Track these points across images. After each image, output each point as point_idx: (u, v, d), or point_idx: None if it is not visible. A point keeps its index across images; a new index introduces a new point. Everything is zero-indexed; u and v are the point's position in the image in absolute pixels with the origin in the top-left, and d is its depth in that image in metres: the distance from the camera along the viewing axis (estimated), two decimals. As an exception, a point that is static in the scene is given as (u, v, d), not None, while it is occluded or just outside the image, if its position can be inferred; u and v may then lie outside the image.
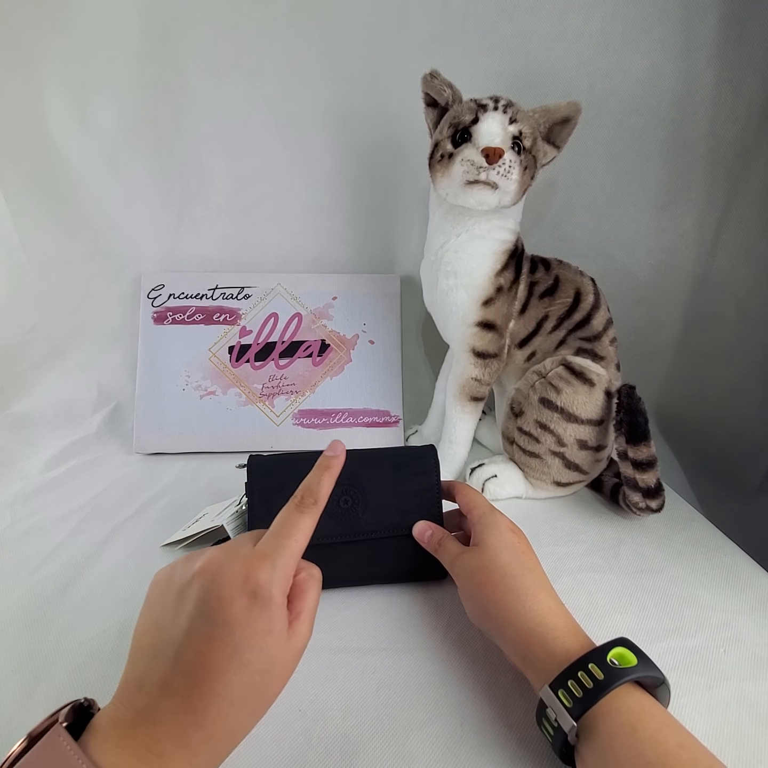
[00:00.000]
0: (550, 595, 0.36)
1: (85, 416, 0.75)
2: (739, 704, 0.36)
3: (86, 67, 0.64)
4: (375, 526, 0.43)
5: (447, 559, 0.40)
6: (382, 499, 0.43)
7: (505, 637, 0.35)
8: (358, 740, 0.33)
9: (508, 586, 0.35)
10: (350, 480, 0.42)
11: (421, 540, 0.43)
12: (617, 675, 0.28)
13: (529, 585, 0.35)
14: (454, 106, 0.52)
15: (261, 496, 0.43)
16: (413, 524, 0.43)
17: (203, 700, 0.26)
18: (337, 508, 0.42)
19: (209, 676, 0.26)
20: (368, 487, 0.43)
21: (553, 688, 0.29)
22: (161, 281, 0.73)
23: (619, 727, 0.27)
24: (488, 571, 0.36)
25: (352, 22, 0.64)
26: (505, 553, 0.37)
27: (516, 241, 0.58)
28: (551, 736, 0.30)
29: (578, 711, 0.28)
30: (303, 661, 0.30)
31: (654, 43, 0.62)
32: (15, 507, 0.58)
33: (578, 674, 0.29)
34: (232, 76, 0.66)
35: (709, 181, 0.67)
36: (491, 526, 0.39)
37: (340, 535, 0.42)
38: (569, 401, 0.55)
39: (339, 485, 0.39)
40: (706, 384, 0.74)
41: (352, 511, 0.43)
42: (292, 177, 0.72)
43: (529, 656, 0.33)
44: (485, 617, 0.37)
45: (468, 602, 0.38)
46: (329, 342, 0.74)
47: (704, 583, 0.47)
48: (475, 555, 0.38)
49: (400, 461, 0.46)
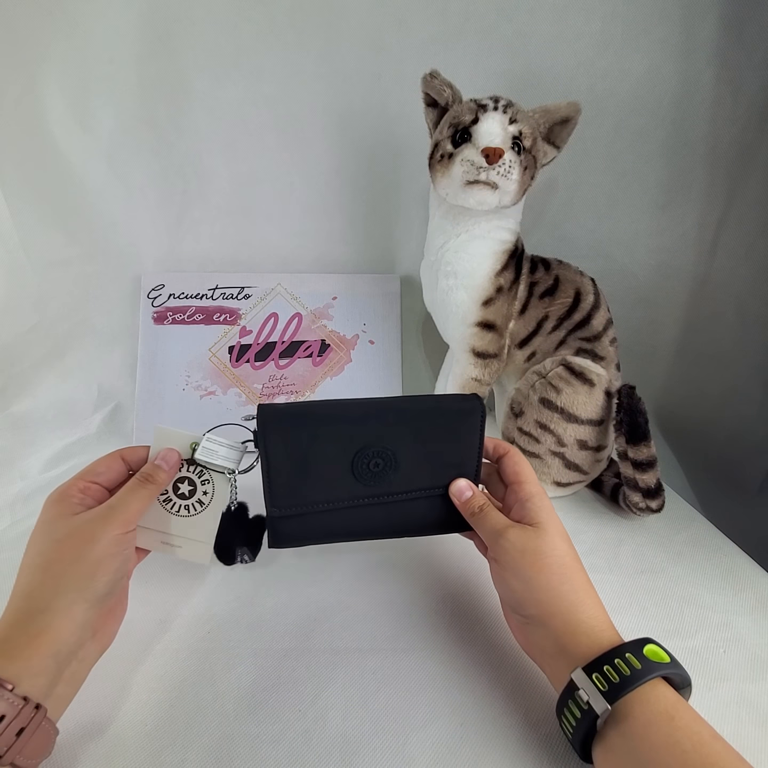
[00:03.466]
0: (593, 588, 0.35)
1: (85, 416, 0.75)
2: (739, 705, 0.36)
3: (86, 67, 0.64)
4: (407, 487, 0.40)
5: (489, 529, 0.38)
6: (417, 460, 0.40)
7: (550, 625, 0.33)
8: (358, 740, 0.33)
9: (565, 576, 0.34)
10: (382, 442, 0.39)
11: (458, 499, 0.40)
12: (654, 667, 0.29)
13: (584, 578, 0.35)
14: (454, 106, 0.52)
15: (279, 458, 0.38)
16: (447, 483, 0.41)
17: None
18: (366, 471, 0.39)
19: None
20: (402, 448, 0.39)
21: (587, 671, 0.30)
22: (161, 281, 0.73)
23: (657, 714, 0.28)
24: (546, 557, 0.35)
25: (352, 22, 0.64)
26: (563, 542, 0.36)
27: (516, 241, 0.58)
28: (576, 720, 0.30)
29: (613, 695, 0.28)
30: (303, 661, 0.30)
31: (654, 43, 0.62)
32: (15, 507, 0.58)
33: (615, 661, 0.29)
34: (232, 76, 0.66)
35: (709, 181, 0.67)
36: (547, 509, 0.37)
37: (369, 497, 0.40)
38: (569, 401, 0.55)
39: (370, 447, 0.38)
40: (707, 384, 0.74)
41: (383, 474, 0.39)
42: (292, 177, 0.72)
43: (571, 645, 0.32)
44: (531, 602, 0.34)
45: (513, 581, 0.35)
46: (329, 342, 0.74)
47: (704, 583, 0.47)
48: (530, 535, 0.36)
49: (440, 418, 0.40)
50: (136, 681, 0.37)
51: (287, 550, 0.47)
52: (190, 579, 0.46)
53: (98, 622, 0.34)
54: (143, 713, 0.35)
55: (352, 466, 0.39)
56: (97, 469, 0.37)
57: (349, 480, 0.39)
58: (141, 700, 0.36)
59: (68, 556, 0.33)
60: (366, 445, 0.39)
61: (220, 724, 0.34)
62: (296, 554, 0.49)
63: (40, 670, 0.30)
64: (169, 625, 0.42)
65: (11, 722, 0.27)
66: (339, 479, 0.39)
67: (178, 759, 0.32)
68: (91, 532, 0.34)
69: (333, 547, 0.45)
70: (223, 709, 0.35)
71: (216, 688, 0.37)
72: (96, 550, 0.33)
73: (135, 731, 0.34)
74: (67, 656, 0.31)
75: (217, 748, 0.33)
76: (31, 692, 0.29)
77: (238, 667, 0.38)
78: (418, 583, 0.46)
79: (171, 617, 0.43)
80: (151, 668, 0.38)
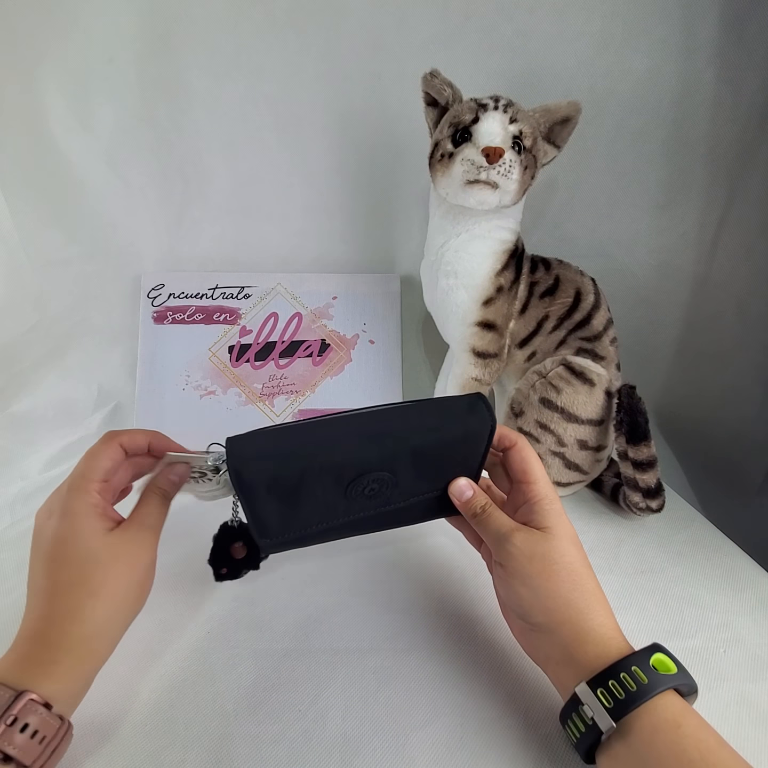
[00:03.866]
0: (603, 594, 0.34)
1: (85, 416, 0.75)
2: (739, 705, 0.36)
3: (86, 67, 0.64)
4: (404, 498, 0.38)
5: (493, 532, 0.36)
6: (415, 476, 0.37)
7: (558, 633, 0.32)
8: (358, 740, 0.33)
9: (575, 583, 0.33)
10: (381, 468, 0.35)
11: (459, 499, 0.38)
12: (661, 680, 0.28)
13: (593, 583, 0.34)
14: (454, 105, 0.52)
15: (262, 500, 0.34)
16: (446, 485, 0.39)
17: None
18: (361, 495, 0.36)
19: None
20: (401, 470, 0.36)
21: (591, 686, 0.29)
22: (161, 281, 0.73)
23: (664, 722, 0.27)
24: (555, 564, 0.33)
25: (352, 22, 0.64)
26: (573, 547, 0.34)
27: (516, 241, 0.58)
28: (580, 733, 0.29)
29: (619, 713, 0.28)
30: (303, 661, 0.30)
31: (654, 43, 0.62)
32: (15, 507, 0.58)
33: (621, 675, 0.28)
34: (232, 76, 0.66)
35: (709, 181, 0.67)
36: (557, 512, 0.35)
37: (365, 510, 0.38)
38: (569, 401, 0.54)
39: (367, 476, 0.35)
40: (707, 384, 0.74)
41: (380, 494, 0.37)
42: (292, 177, 0.72)
43: (579, 655, 0.31)
44: (539, 610, 0.33)
45: (521, 589, 0.34)
46: (329, 342, 0.74)
47: (704, 583, 0.47)
48: (538, 540, 0.34)
49: (444, 445, 0.37)
50: (137, 681, 0.37)
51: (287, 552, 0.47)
52: (190, 579, 0.46)
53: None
54: (143, 713, 0.35)
55: (346, 492, 0.36)
56: (104, 465, 0.35)
57: (344, 503, 0.36)
58: (141, 700, 0.36)
59: (119, 582, 0.32)
60: (361, 473, 0.35)
61: (220, 724, 0.34)
62: (296, 555, 0.49)
63: (78, 691, 0.31)
64: (170, 625, 0.42)
65: (50, 742, 0.28)
66: (332, 503, 0.36)
67: (178, 759, 0.32)
68: (137, 555, 0.34)
69: (333, 548, 0.45)
70: (223, 709, 0.35)
71: (216, 688, 0.37)
72: (142, 574, 0.34)
73: (135, 731, 0.34)
74: (97, 672, 0.32)
75: (217, 748, 0.33)
76: (66, 711, 0.30)
77: (238, 667, 0.38)
78: (418, 583, 0.46)
79: (171, 617, 0.42)
80: (151, 668, 0.38)
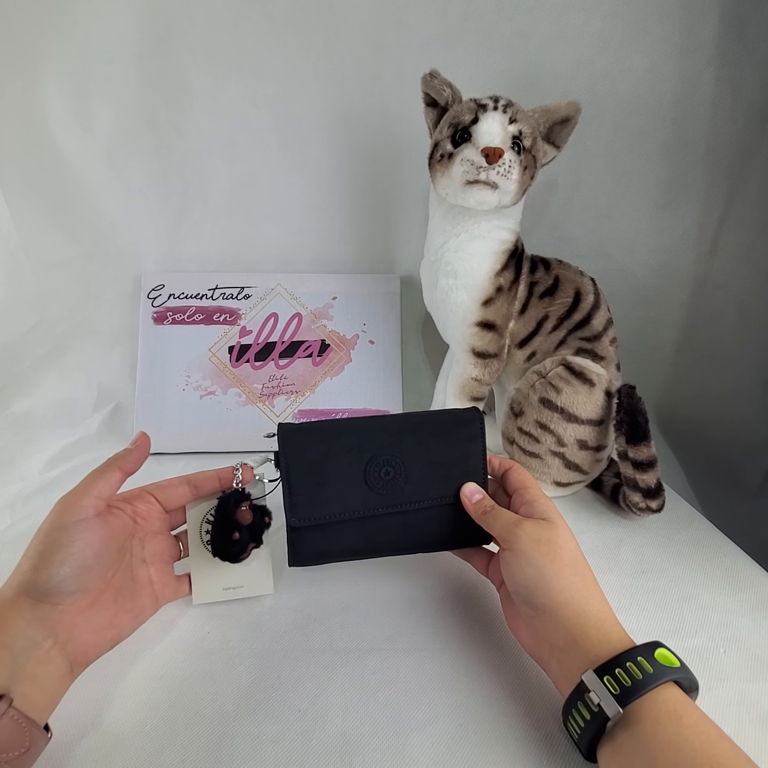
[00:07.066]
0: (600, 587, 0.36)
1: (85, 416, 0.75)
2: (739, 705, 0.36)
3: (86, 67, 0.64)
4: (419, 496, 0.42)
5: (502, 524, 0.38)
6: (425, 468, 0.42)
7: (560, 615, 0.34)
8: (358, 740, 0.33)
9: (576, 569, 0.36)
10: (390, 449, 0.41)
11: (468, 501, 0.41)
12: (666, 671, 0.29)
13: (592, 575, 0.36)
14: (453, 105, 0.52)
15: (299, 471, 0.41)
16: (457, 493, 0.42)
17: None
18: (378, 479, 0.41)
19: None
20: (409, 456, 0.41)
21: (598, 674, 0.30)
22: (161, 281, 0.73)
23: (666, 713, 0.28)
24: (559, 548, 0.36)
25: (352, 22, 0.64)
26: (573, 538, 0.38)
27: (516, 241, 0.58)
28: (585, 722, 0.30)
29: (626, 699, 0.28)
30: (303, 661, 0.30)
31: (654, 43, 0.62)
32: (15, 507, 0.58)
33: (627, 664, 0.29)
34: (232, 76, 0.66)
35: (709, 181, 0.67)
36: (554, 509, 0.39)
37: (384, 506, 0.41)
38: (569, 401, 0.55)
39: (379, 456, 0.41)
40: (707, 384, 0.74)
41: (395, 482, 0.41)
42: (292, 177, 0.72)
43: (581, 638, 0.32)
44: (543, 590, 0.35)
45: (527, 568, 0.36)
46: (329, 342, 0.74)
47: (704, 583, 0.47)
48: (545, 527, 0.37)
49: (442, 428, 0.43)
50: (136, 681, 0.37)
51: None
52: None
53: (58, 625, 0.33)
54: (143, 713, 0.35)
55: (365, 474, 0.41)
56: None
57: (363, 489, 0.41)
58: (141, 700, 0.36)
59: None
60: (376, 453, 0.41)
61: (220, 724, 0.34)
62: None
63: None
64: (169, 625, 0.42)
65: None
66: (353, 489, 0.41)
67: (178, 759, 0.32)
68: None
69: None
70: (223, 709, 0.35)
71: (216, 688, 0.37)
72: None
73: (135, 731, 0.34)
74: (23, 651, 0.31)
75: (217, 748, 0.33)
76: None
77: (238, 667, 0.38)
78: (418, 583, 0.46)
79: (171, 617, 0.42)
80: (151, 668, 0.38)
